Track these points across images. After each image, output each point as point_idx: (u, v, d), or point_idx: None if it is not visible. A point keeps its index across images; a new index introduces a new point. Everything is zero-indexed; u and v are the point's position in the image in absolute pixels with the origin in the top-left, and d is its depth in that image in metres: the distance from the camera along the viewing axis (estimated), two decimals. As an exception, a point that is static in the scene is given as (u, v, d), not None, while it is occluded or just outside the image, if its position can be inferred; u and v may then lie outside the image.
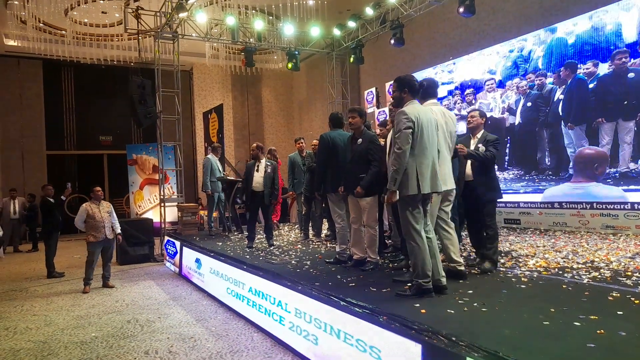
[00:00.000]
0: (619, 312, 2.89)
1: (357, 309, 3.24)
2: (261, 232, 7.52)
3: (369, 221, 4.68)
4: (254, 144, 6.95)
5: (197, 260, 6.80)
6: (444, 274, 3.55)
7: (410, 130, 3.40)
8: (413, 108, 3.52)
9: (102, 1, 10.79)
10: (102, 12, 11.53)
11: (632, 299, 3.18)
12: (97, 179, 15.46)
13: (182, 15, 9.02)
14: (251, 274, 4.96)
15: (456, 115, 7.29)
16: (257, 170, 6.68)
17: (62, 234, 12.49)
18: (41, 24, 11.62)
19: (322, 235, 7.44)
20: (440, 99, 9.89)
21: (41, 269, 8.23)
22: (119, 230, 6.84)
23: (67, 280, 7.49)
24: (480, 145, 4.35)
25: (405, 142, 3.40)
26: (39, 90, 14.68)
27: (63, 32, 12.08)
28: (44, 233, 8.04)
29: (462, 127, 7.46)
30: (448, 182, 3.87)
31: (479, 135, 4.46)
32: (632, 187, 6.59)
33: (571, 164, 7.42)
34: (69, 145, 15.32)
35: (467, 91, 9.33)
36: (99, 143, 15.67)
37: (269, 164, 6.70)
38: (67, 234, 14.27)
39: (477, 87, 9.08)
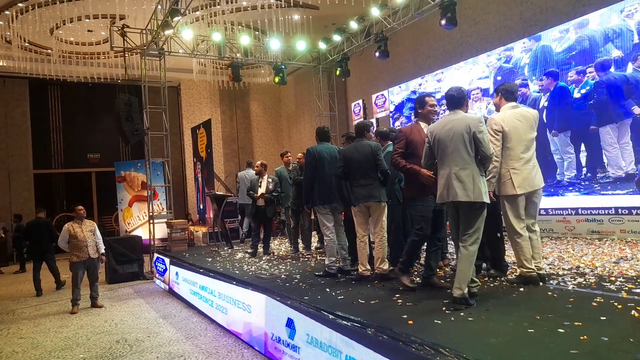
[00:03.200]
0: (602, 318, 2.93)
1: (345, 322, 3.25)
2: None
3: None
4: (259, 162, 7.51)
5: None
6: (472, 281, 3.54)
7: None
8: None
9: (87, 20, 10.82)
10: (88, 31, 11.56)
11: (616, 303, 3.22)
12: (86, 197, 15.37)
13: (168, 32, 9.06)
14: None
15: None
16: (261, 186, 7.24)
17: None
18: (27, 43, 11.61)
19: (312, 247, 7.44)
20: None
21: (29, 290, 8.13)
22: (102, 250, 6.75)
23: (55, 301, 7.39)
24: None
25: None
26: (25, 109, 14.60)
27: (49, 51, 12.08)
28: (36, 254, 8.29)
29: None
30: (530, 183, 3.90)
31: None
32: None
33: None
34: (57, 164, 15.22)
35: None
36: (87, 161, 15.60)
37: (270, 180, 7.18)
38: (55, 253, 14.12)
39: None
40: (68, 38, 11.75)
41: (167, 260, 7.94)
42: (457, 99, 3.65)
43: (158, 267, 8.53)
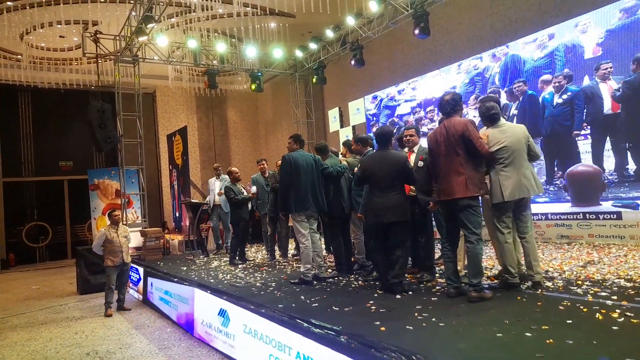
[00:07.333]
0: (568, 321, 3.00)
1: (318, 330, 3.25)
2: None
3: None
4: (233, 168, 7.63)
5: None
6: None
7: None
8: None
9: (59, 25, 10.61)
10: (60, 36, 11.35)
11: (581, 307, 3.31)
12: (58, 205, 15.00)
13: (142, 39, 8.97)
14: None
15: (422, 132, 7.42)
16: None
17: (18, 264, 12.16)
18: (-5, 49, 11.35)
19: (289, 255, 7.42)
20: (402, 115, 10.16)
21: (-4, 303, 7.89)
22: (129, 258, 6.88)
23: (24, 313, 7.16)
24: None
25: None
26: (-6, 116, 14.22)
27: (19, 56, 11.80)
28: None
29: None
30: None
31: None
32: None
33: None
34: (27, 172, 14.80)
35: (429, 108, 9.60)
36: (59, 169, 15.21)
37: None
38: (25, 264, 13.73)
39: (438, 105, 9.35)
40: (39, 44, 11.51)
41: (141, 270, 7.79)
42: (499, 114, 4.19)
43: (132, 277, 8.36)
